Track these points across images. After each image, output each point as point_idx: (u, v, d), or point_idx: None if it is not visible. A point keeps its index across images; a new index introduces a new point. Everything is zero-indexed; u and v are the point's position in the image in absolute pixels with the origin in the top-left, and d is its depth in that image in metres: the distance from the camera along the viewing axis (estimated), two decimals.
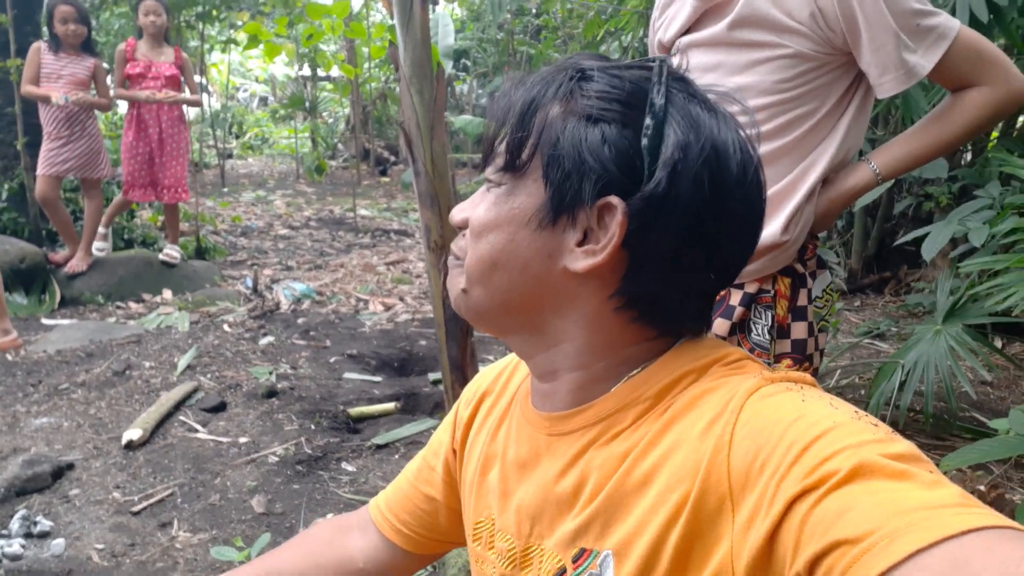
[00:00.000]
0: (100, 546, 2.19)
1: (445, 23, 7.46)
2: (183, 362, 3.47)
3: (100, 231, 4.97)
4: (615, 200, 0.61)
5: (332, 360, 3.70)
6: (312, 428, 2.97)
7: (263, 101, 17.35)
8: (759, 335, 1.37)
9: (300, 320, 4.30)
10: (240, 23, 8.99)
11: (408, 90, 1.91)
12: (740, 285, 1.38)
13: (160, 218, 5.98)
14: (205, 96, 10.43)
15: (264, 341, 3.89)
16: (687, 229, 0.61)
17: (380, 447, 2.82)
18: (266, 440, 2.85)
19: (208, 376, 3.38)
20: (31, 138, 4.87)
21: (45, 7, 4.68)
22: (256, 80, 17.44)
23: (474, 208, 0.68)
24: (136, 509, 2.38)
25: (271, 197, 9.07)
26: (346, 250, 6.57)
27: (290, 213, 8.15)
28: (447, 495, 0.86)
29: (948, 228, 2.65)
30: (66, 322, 4.25)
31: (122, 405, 3.12)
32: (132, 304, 4.70)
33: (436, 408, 3.16)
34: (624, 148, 0.61)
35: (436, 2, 9.39)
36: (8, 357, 3.63)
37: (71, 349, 3.71)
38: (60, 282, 4.71)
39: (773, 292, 1.37)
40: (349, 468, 2.69)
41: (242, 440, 2.84)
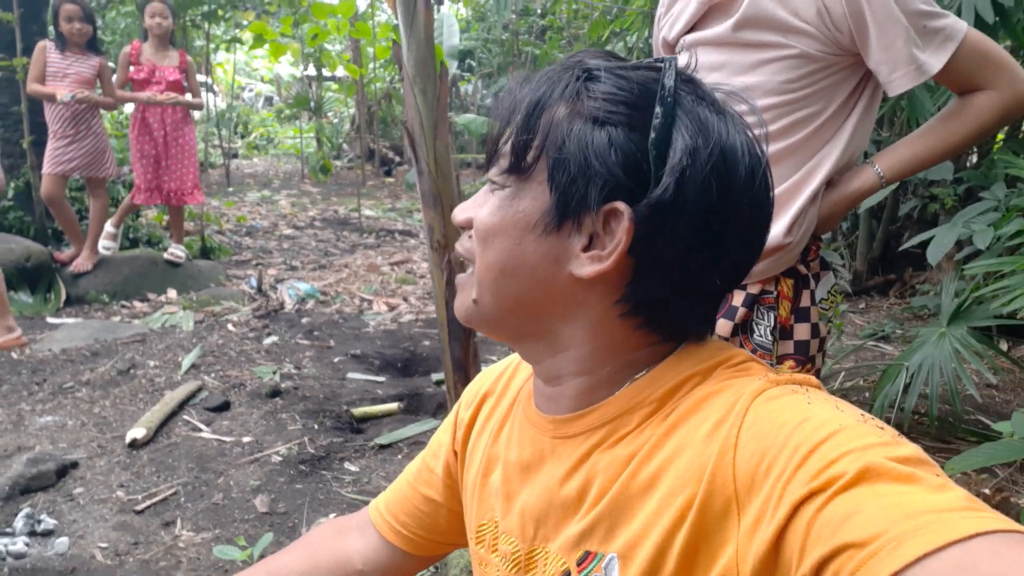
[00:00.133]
0: (104, 545, 2.19)
1: (450, 23, 7.47)
2: (187, 361, 3.48)
3: (110, 231, 4.98)
4: (622, 206, 0.60)
5: (336, 360, 3.70)
6: (315, 428, 2.97)
7: (268, 101, 17.38)
8: (761, 336, 1.37)
9: (304, 320, 4.31)
10: (245, 22, 9.01)
11: (412, 89, 1.91)
12: (743, 286, 1.38)
13: (165, 218, 6.00)
14: (211, 96, 10.45)
15: (268, 341, 3.89)
16: (694, 235, 0.61)
17: (383, 447, 2.82)
18: (269, 440, 2.85)
19: (212, 375, 3.38)
20: (37, 137, 4.89)
21: (51, 6, 4.69)
22: (261, 80, 17.49)
23: (477, 209, 0.67)
24: (140, 508, 2.39)
25: (276, 197, 9.08)
26: (350, 250, 6.58)
27: (295, 213, 8.16)
28: (447, 496, 0.86)
29: (953, 231, 2.64)
30: (71, 321, 4.27)
31: (126, 404, 3.13)
32: (137, 303, 4.72)
33: (439, 408, 3.16)
34: (631, 152, 0.60)
35: (441, 2, 9.39)
36: (13, 355, 3.64)
37: (76, 348, 3.72)
38: (65, 281, 4.73)
39: (776, 293, 1.37)
40: (352, 468, 2.70)
41: (245, 439, 2.85)
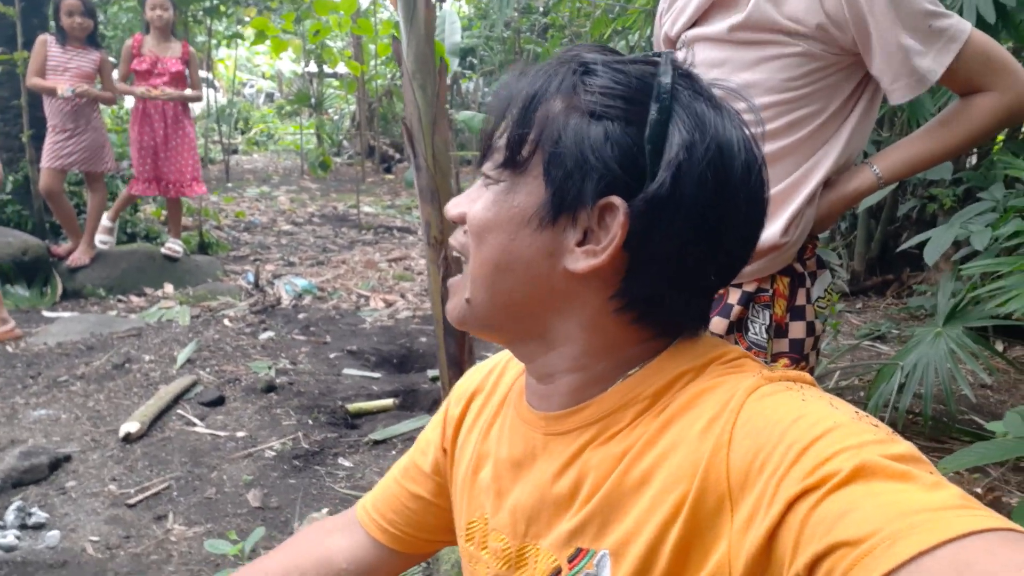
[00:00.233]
0: (95, 538, 2.19)
1: (452, 20, 7.45)
2: (183, 356, 3.47)
3: (107, 225, 4.97)
4: (617, 200, 0.60)
5: (332, 356, 3.70)
6: (310, 423, 2.96)
7: (269, 97, 17.38)
8: (756, 334, 1.37)
9: (301, 316, 4.31)
10: (247, 18, 9.00)
11: (411, 85, 1.90)
12: (738, 284, 1.37)
13: (164, 212, 5.99)
14: (211, 91, 10.44)
15: (264, 336, 3.89)
16: (690, 230, 0.60)
17: (377, 443, 2.82)
18: (264, 435, 2.85)
19: (207, 370, 3.38)
20: (36, 131, 4.88)
21: (52, 0, 4.69)
22: (263, 76, 17.48)
23: (471, 203, 0.66)
24: (132, 502, 2.38)
25: (275, 193, 9.08)
26: (349, 246, 6.58)
27: (294, 209, 8.16)
28: (435, 493, 0.85)
29: (950, 231, 2.63)
30: (67, 315, 4.26)
31: (121, 398, 3.12)
32: (133, 298, 4.71)
33: (434, 405, 3.15)
34: (627, 146, 0.59)
35: None
36: (8, 349, 3.64)
37: (71, 342, 3.72)
38: (62, 275, 4.72)
39: (771, 291, 1.36)
40: (346, 463, 2.69)
41: (240, 434, 2.84)
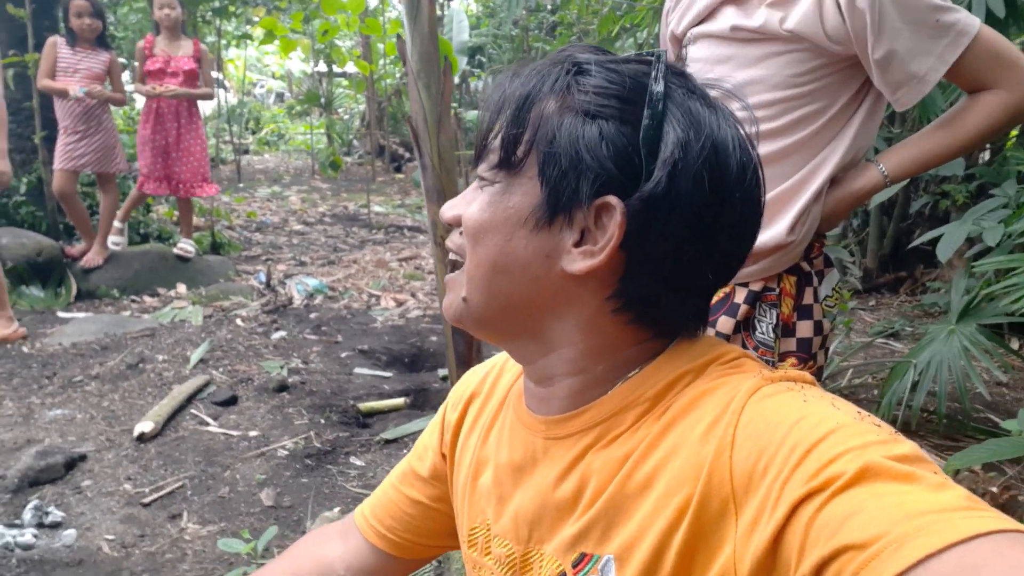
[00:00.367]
0: (110, 537, 2.21)
1: (460, 19, 7.45)
2: (196, 356, 3.50)
3: (116, 225, 5.01)
4: (613, 200, 0.59)
5: (343, 355, 3.71)
6: (322, 422, 2.98)
7: (279, 97, 17.44)
8: (763, 333, 1.36)
9: (312, 315, 4.33)
10: (256, 18, 9.03)
11: (416, 84, 1.91)
12: (745, 283, 1.37)
13: (176, 213, 6.03)
14: (222, 92, 10.49)
15: (276, 336, 3.91)
16: (686, 229, 0.60)
17: (388, 442, 2.83)
18: (276, 434, 2.87)
19: (220, 370, 3.40)
20: (49, 132, 4.92)
21: (61, 2, 4.72)
22: (273, 76, 17.54)
23: (467, 205, 0.66)
24: (146, 501, 2.41)
25: (286, 193, 9.11)
26: (359, 246, 6.60)
27: (305, 209, 8.19)
28: (433, 498, 0.85)
29: (963, 228, 2.61)
30: (81, 315, 4.30)
31: (135, 398, 3.15)
32: (147, 298, 4.74)
33: None
34: (622, 146, 0.59)
35: None
36: (24, 349, 3.67)
37: (86, 342, 3.75)
38: (76, 276, 4.76)
39: (778, 290, 1.36)
40: (358, 462, 2.71)
41: (252, 433, 2.86)
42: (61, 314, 4.33)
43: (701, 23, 1.37)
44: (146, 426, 2.79)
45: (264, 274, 5.06)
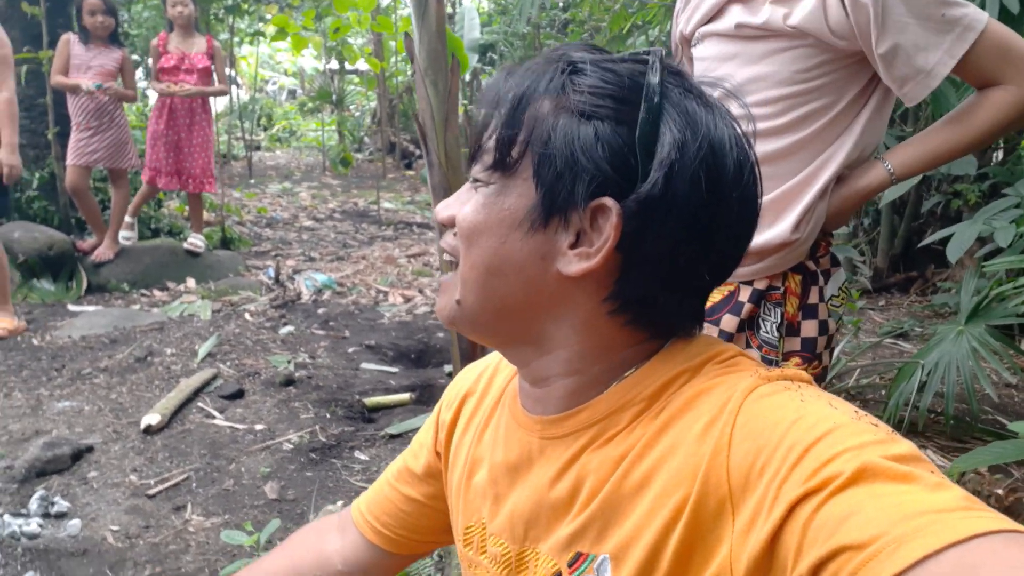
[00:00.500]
0: (115, 527, 2.22)
1: (471, 16, 7.46)
2: (204, 350, 3.51)
3: (127, 220, 5.04)
4: (609, 202, 0.59)
5: (350, 350, 3.72)
6: (327, 417, 2.99)
7: (291, 94, 17.49)
8: (768, 332, 1.35)
9: (320, 310, 4.34)
10: (269, 16, 9.05)
11: (423, 82, 1.91)
12: (750, 282, 1.36)
13: (186, 208, 6.06)
14: (234, 88, 10.52)
15: (284, 330, 3.93)
16: (683, 230, 0.60)
17: (393, 437, 2.83)
18: (282, 428, 2.88)
19: (227, 364, 3.42)
20: (62, 128, 4.95)
21: None
22: (285, 73, 17.58)
23: (461, 206, 0.66)
24: (152, 492, 2.42)
25: (297, 189, 9.15)
26: (369, 242, 6.61)
27: (315, 205, 8.21)
28: (428, 496, 0.85)
29: (974, 228, 2.59)
30: (91, 309, 4.33)
31: (143, 390, 3.17)
32: (156, 292, 4.77)
33: None
34: (618, 146, 0.59)
35: None
36: (34, 341, 3.70)
37: (95, 335, 3.78)
38: (87, 269, 4.80)
39: (783, 289, 1.35)
40: (362, 457, 2.71)
41: (258, 427, 2.87)
42: (71, 307, 4.37)
43: (709, 22, 1.37)
44: (153, 418, 2.81)
45: (273, 269, 5.08)
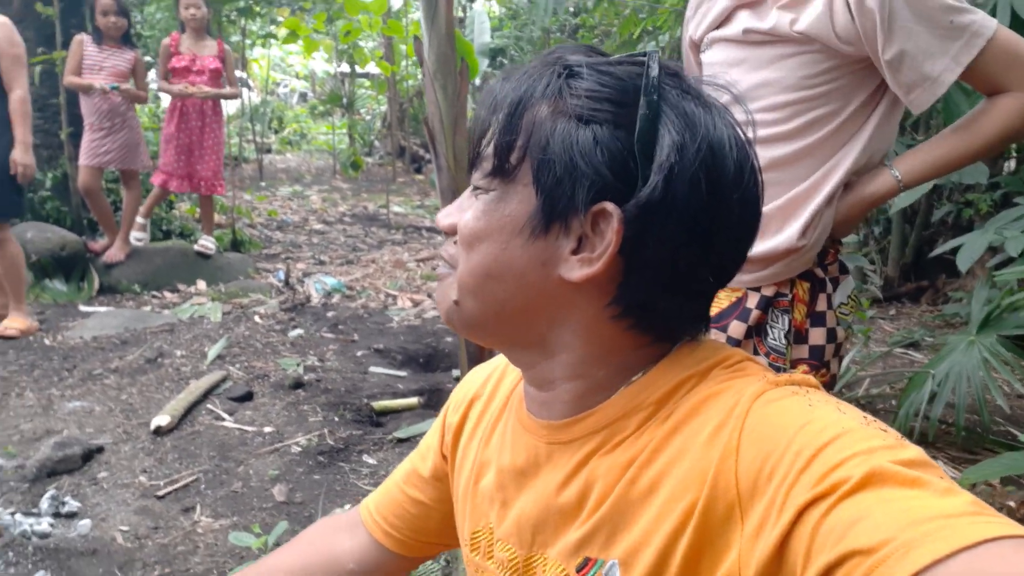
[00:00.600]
0: (125, 528, 2.24)
1: (481, 20, 7.48)
2: (213, 352, 3.53)
3: (139, 221, 5.07)
4: (610, 207, 0.59)
5: (359, 354, 3.73)
6: (336, 420, 3.00)
7: (302, 97, 17.56)
8: (775, 339, 1.35)
9: (330, 314, 4.35)
10: (280, 18, 9.10)
11: (432, 85, 1.92)
12: (757, 288, 1.36)
13: (197, 210, 6.10)
14: (245, 91, 10.58)
15: (293, 333, 3.94)
16: (684, 232, 0.59)
17: (401, 441, 2.84)
18: (290, 430, 2.89)
19: (237, 366, 3.43)
20: (75, 128, 4.99)
21: (88, 0, 4.80)
22: (296, 76, 17.66)
23: (462, 214, 0.65)
24: (161, 493, 2.43)
25: (307, 192, 9.18)
26: (378, 246, 6.63)
27: (325, 208, 8.24)
28: (435, 499, 0.85)
29: (984, 237, 2.57)
30: (103, 309, 4.35)
31: (152, 392, 3.19)
32: (167, 293, 4.80)
33: None
34: (617, 150, 0.58)
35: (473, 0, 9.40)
36: (46, 342, 3.73)
37: (106, 336, 3.80)
38: (99, 270, 4.83)
39: (791, 296, 1.35)
40: (370, 460, 2.72)
41: (267, 430, 2.88)
42: (83, 308, 4.40)
43: (717, 28, 1.37)
44: (163, 420, 2.82)
45: (283, 272, 5.10)
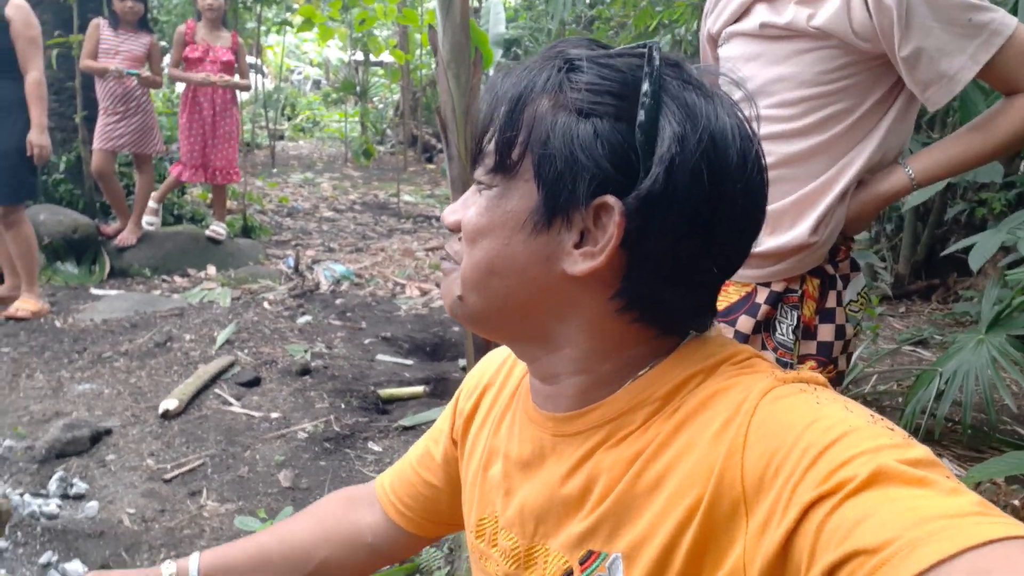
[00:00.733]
0: (131, 510, 2.26)
1: (497, 11, 7.46)
2: (222, 337, 3.55)
3: (152, 206, 5.10)
4: (611, 200, 0.58)
5: (366, 341, 3.75)
6: (342, 407, 3.01)
7: (316, 84, 17.58)
8: (783, 335, 1.35)
9: (338, 301, 4.37)
10: (296, 5, 9.10)
11: (445, 74, 1.91)
12: (767, 283, 1.36)
13: (209, 196, 6.12)
14: (259, 77, 10.60)
15: (302, 320, 3.96)
16: (687, 224, 0.59)
17: (407, 429, 2.85)
18: (297, 416, 2.90)
19: (245, 351, 3.45)
20: (89, 112, 5.01)
21: None
22: (310, 63, 17.68)
23: (465, 210, 0.66)
24: (168, 477, 2.45)
25: (319, 179, 9.20)
26: (388, 234, 6.64)
27: (336, 196, 8.26)
28: (446, 482, 0.86)
29: (997, 237, 2.55)
30: (113, 293, 4.38)
31: (161, 375, 3.21)
32: (177, 278, 4.83)
33: None
34: (618, 143, 0.58)
35: None
36: (57, 324, 3.76)
37: (116, 319, 3.83)
38: (110, 254, 4.86)
39: (801, 292, 1.34)
40: (375, 448, 2.73)
41: (274, 415, 2.90)
42: (94, 291, 4.43)
43: (735, 22, 1.37)
44: (171, 404, 2.84)
45: (292, 259, 5.11)
